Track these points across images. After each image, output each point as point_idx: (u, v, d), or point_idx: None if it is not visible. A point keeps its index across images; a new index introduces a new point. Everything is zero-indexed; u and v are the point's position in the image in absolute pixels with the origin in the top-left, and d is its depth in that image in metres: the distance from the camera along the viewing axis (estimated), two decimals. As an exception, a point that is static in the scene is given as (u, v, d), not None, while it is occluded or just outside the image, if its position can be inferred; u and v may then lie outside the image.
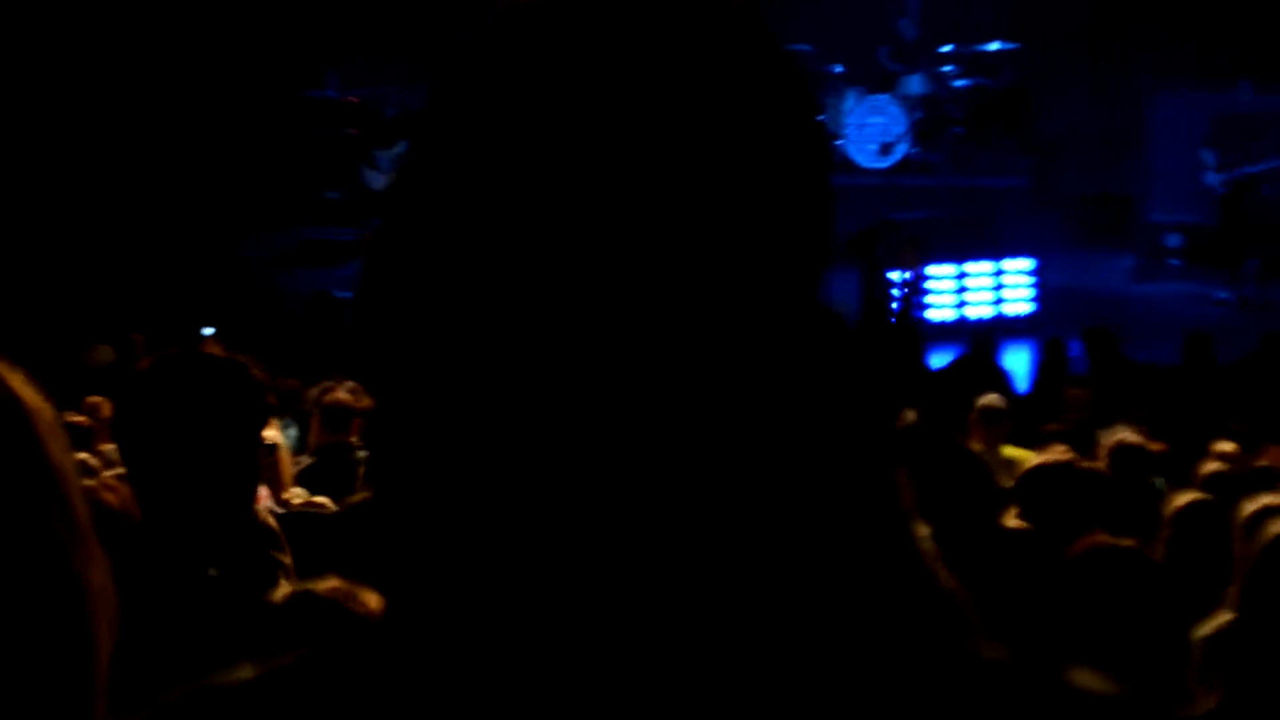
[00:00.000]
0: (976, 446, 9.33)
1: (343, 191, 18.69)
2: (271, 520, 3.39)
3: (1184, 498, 5.70)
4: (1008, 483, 8.05)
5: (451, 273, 0.95)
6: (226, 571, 3.03)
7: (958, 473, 5.01)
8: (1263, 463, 8.36)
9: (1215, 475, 7.24)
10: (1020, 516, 5.65)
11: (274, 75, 19.17)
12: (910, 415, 11.75)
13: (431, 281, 0.96)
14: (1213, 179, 16.69)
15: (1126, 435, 7.87)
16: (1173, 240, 18.33)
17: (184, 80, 18.52)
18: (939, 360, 14.59)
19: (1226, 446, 8.55)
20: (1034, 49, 19.86)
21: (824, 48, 20.16)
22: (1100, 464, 7.35)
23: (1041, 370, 13.79)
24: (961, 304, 16.40)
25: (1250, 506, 5.01)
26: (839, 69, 19.21)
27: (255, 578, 3.07)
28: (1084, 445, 8.77)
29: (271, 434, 8.84)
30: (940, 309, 16.32)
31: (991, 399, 9.51)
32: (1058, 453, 6.67)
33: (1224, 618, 5.00)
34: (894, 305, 16.05)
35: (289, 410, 9.51)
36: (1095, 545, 4.52)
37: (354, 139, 18.70)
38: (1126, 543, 4.48)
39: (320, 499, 5.90)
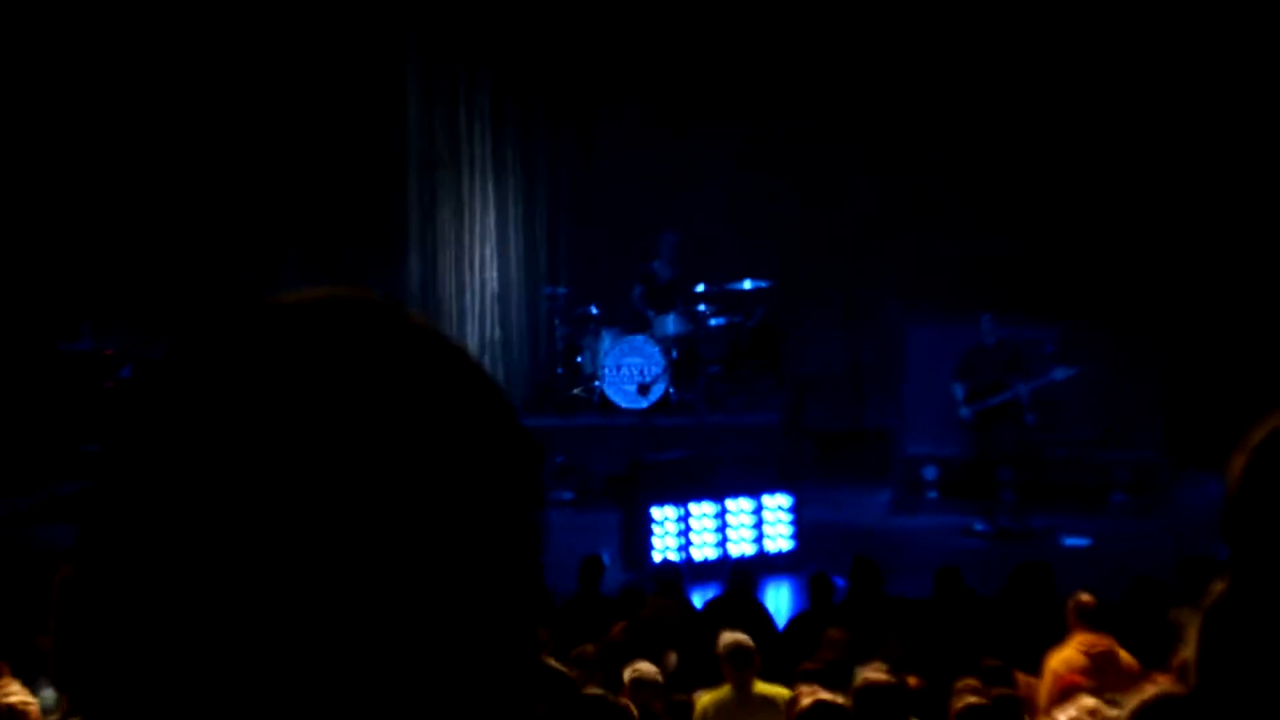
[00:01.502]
0: (726, 686, 9.23)
1: (101, 444, 18.22)
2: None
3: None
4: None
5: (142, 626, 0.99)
6: None
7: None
8: (1003, 692, 8.32)
9: (966, 709, 7.14)
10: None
11: (27, 330, 18.82)
12: (671, 658, 11.66)
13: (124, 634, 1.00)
14: (964, 411, 16.92)
15: (872, 675, 7.76)
16: (929, 472, 18.52)
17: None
18: (700, 599, 14.50)
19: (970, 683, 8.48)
20: (786, 286, 20.15)
21: (579, 288, 20.31)
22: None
23: (803, 607, 13.72)
24: (723, 541, 16.33)
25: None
26: (594, 310, 19.28)
27: None
28: (837, 683, 8.66)
29: (19, 695, 8.47)
30: (702, 548, 16.22)
31: (737, 637, 9.37)
32: (807, 692, 6.53)
33: None
34: (652, 546, 15.95)
35: (43, 671, 9.18)
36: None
37: (110, 390, 18.30)
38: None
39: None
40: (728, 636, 9.45)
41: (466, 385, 1.09)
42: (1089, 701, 6.96)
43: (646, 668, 9.23)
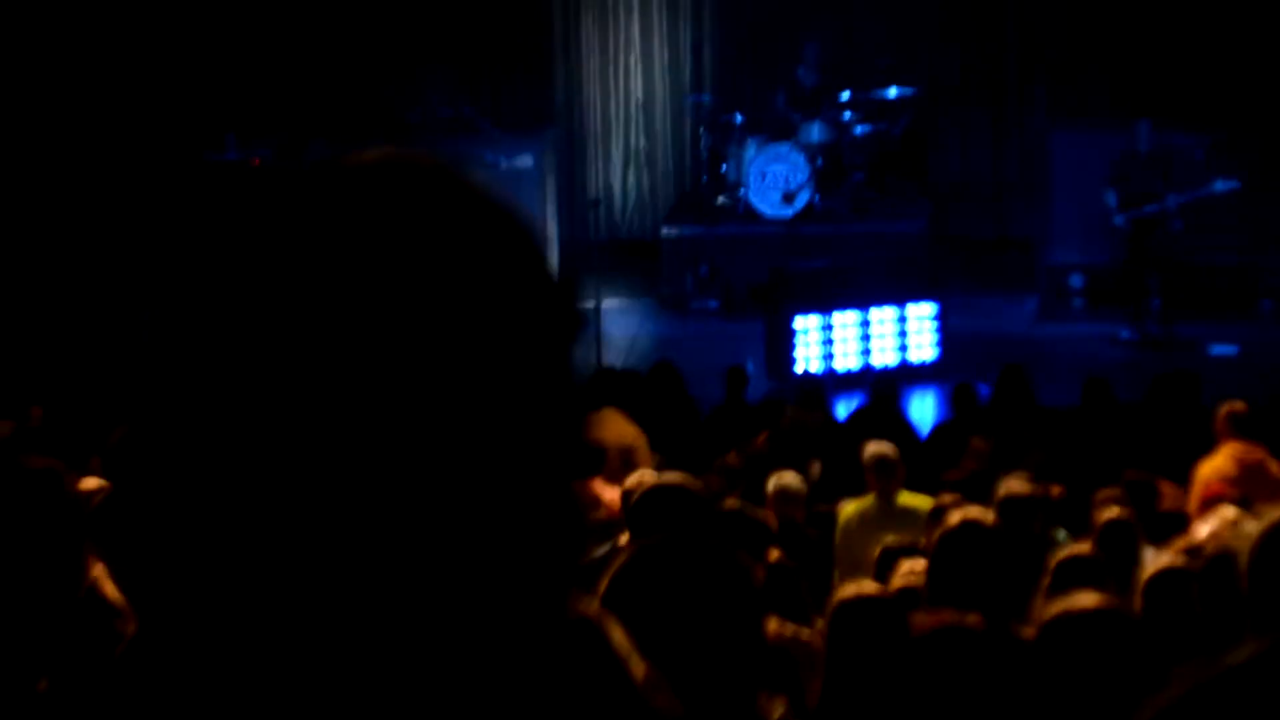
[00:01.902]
0: (870, 496, 9.34)
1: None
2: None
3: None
4: (906, 530, 8.05)
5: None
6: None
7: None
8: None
9: (1110, 523, 7.19)
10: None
11: (175, 141, 19.07)
12: (815, 468, 11.78)
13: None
14: (1118, 219, 16.72)
15: (1014, 486, 7.81)
16: (1075, 281, 18.37)
17: (80, 149, 18.40)
18: (844, 409, 14.59)
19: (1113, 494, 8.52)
20: (931, 94, 19.94)
21: (724, 96, 20.22)
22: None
23: (946, 417, 13.78)
24: (866, 351, 16.36)
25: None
26: (739, 118, 19.20)
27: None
28: (980, 494, 8.74)
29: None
30: (845, 357, 16.27)
31: (882, 448, 9.43)
32: (954, 507, 6.58)
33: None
34: (795, 357, 16.03)
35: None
36: (942, 623, 4.42)
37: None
38: (973, 619, 4.39)
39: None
40: (872, 447, 9.51)
41: (506, 256, 1.14)
42: (1230, 512, 6.98)
43: (790, 478, 9.34)
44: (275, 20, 19.92)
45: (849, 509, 9.40)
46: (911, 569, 6.05)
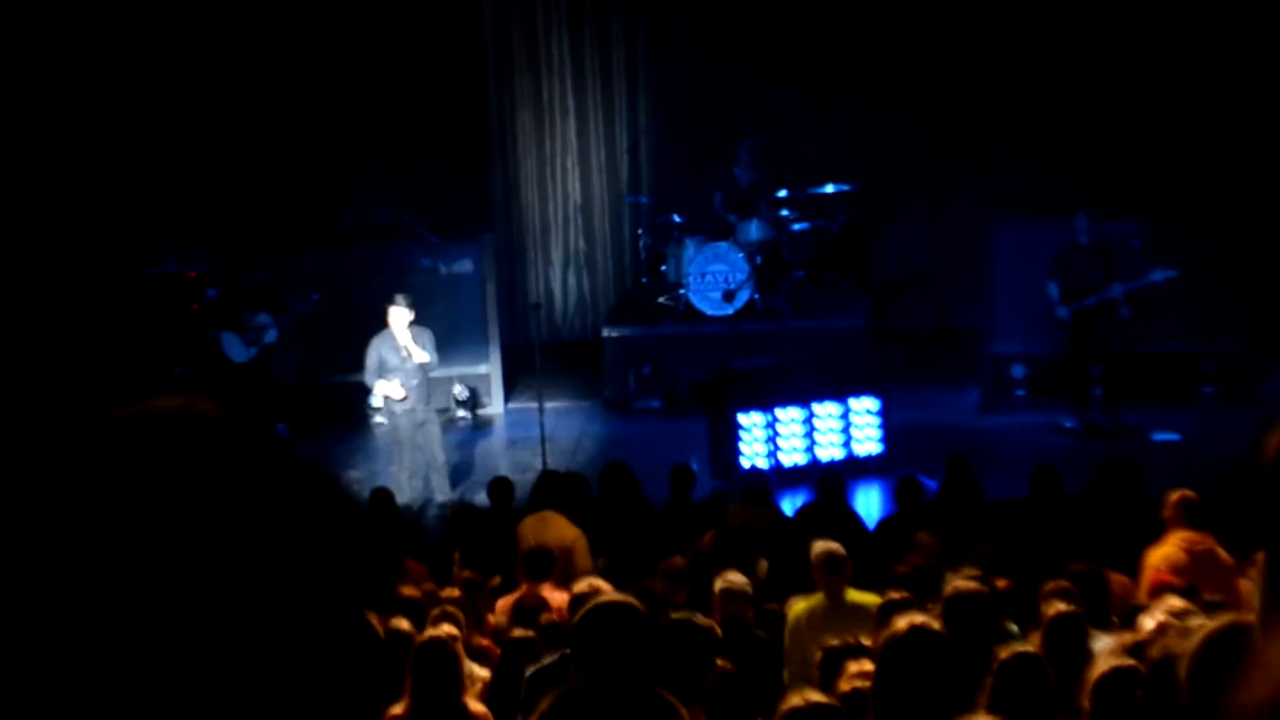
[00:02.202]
0: (819, 595, 9.29)
1: (185, 367, 18.46)
2: None
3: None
4: (855, 628, 8.00)
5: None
6: None
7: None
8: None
9: (1058, 618, 7.16)
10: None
11: (112, 255, 19.01)
12: (762, 565, 11.73)
13: None
14: (1061, 311, 16.81)
15: (961, 583, 7.78)
16: (1017, 371, 18.45)
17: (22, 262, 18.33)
18: (791, 506, 14.54)
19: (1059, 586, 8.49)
20: (868, 189, 20.06)
21: (661, 197, 20.30)
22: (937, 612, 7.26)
23: (892, 510, 13.74)
24: (811, 446, 16.37)
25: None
26: (677, 218, 19.27)
27: None
28: (927, 589, 8.71)
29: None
30: (790, 453, 16.27)
31: (830, 546, 9.39)
32: (900, 611, 6.55)
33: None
34: (740, 453, 16.01)
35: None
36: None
37: (194, 314, 18.44)
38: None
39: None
40: (820, 545, 9.47)
41: (271, 485, 1.43)
42: (1177, 603, 6.97)
43: (736, 578, 9.28)
44: (209, 129, 19.92)
45: (797, 608, 9.34)
46: (860, 670, 6.00)
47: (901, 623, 5.35)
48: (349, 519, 1.47)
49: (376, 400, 16.27)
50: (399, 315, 15.91)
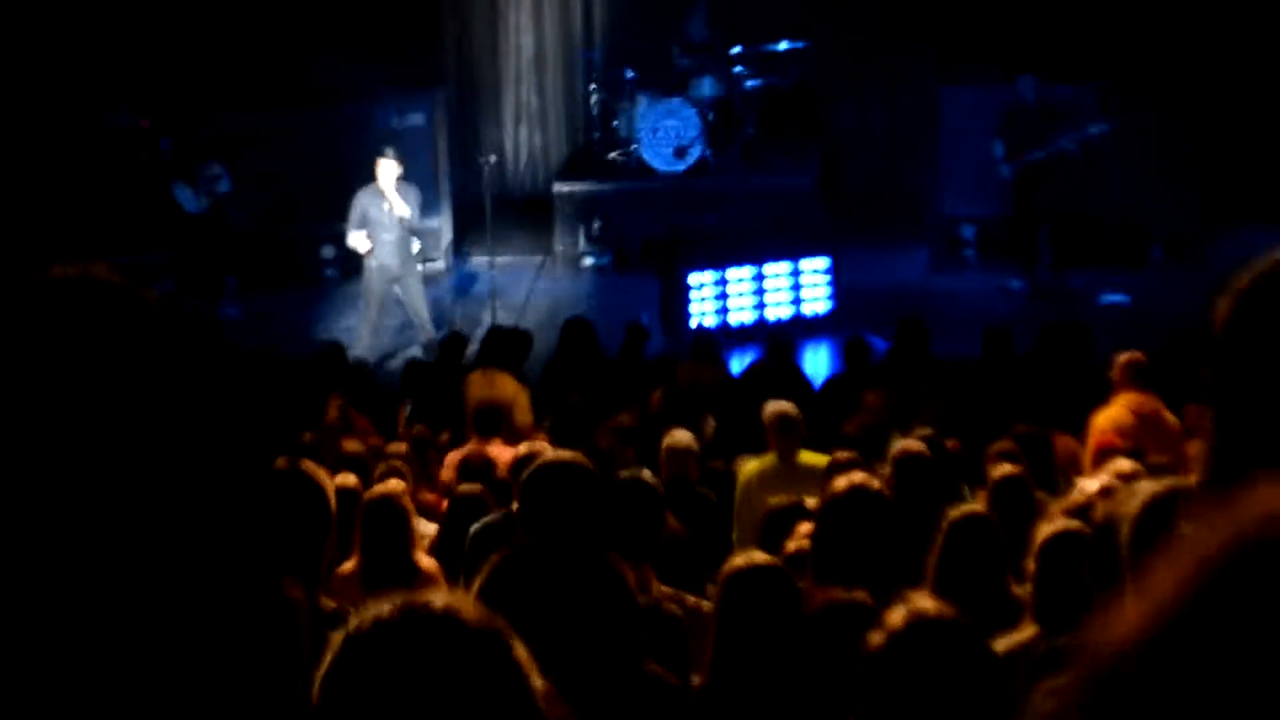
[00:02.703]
0: (771, 455, 9.31)
1: (146, 215, 18.32)
2: None
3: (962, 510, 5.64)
4: (807, 489, 8.01)
5: None
6: None
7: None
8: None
9: (1003, 480, 7.20)
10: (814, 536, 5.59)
11: (69, 104, 18.81)
12: (709, 425, 11.76)
13: None
14: (1004, 170, 16.80)
15: (908, 444, 7.81)
16: (967, 232, 18.46)
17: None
18: (739, 365, 14.57)
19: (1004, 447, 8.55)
20: (822, 47, 19.93)
21: (614, 52, 20.13)
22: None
23: (840, 370, 13.79)
24: (761, 305, 16.38)
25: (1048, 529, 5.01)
26: (630, 74, 19.13)
27: None
28: (875, 449, 8.74)
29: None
30: (740, 311, 16.29)
31: (783, 407, 9.38)
32: (844, 471, 6.55)
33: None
34: (690, 312, 16.02)
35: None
36: (831, 601, 4.42)
37: (146, 163, 18.28)
38: (860, 595, 4.38)
39: None
40: (772, 406, 9.46)
41: (153, 348, 1.61)
42: (1125, 464, 7.00)
43: (682, 436, 9.29)
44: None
45: (749, 468, 9.35)
46: (808, 530, 6.03)
47: (841, 482, 5.37)
48: (236, 379, 1.66)
49: (360, 246, 16.11)
50: (387, 169, 15.87)
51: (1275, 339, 1.74)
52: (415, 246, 16.33)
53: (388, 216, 15.81)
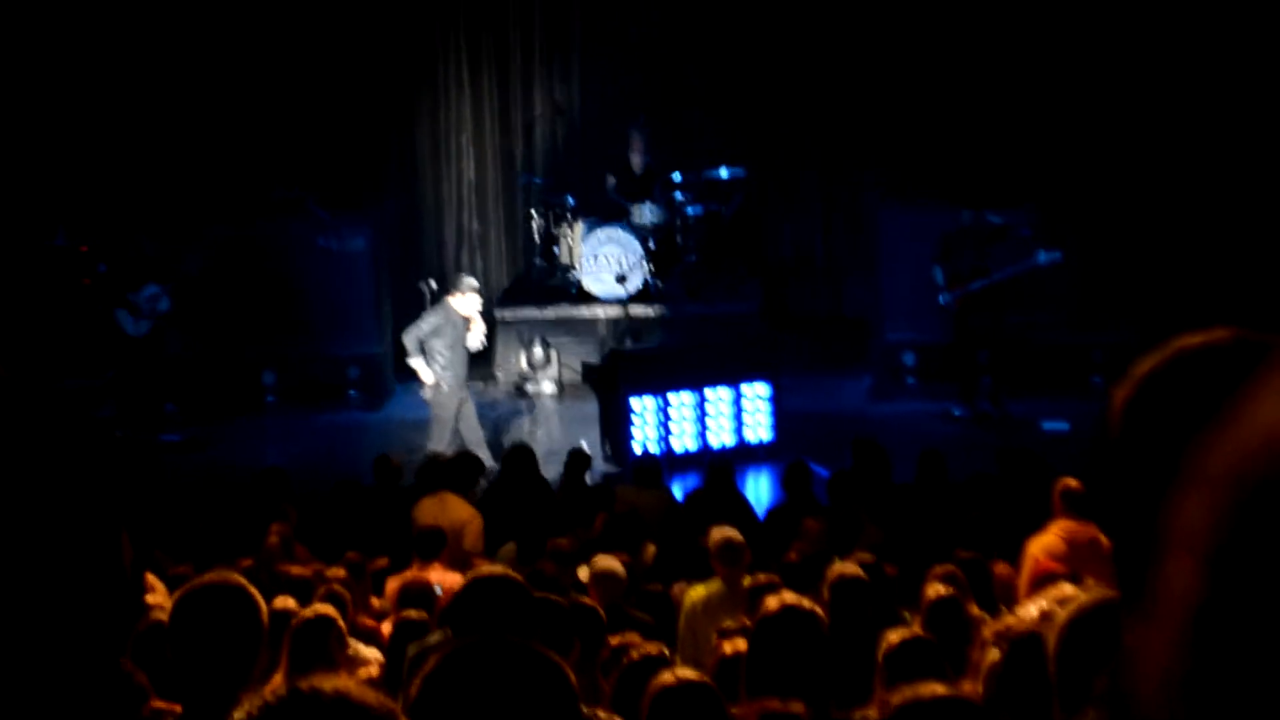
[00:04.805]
0: (716, 581, 9.25)
1: (87, 339, 18.26)
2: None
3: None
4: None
5: None
6: None
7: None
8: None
9: (937, 601, 7.17)
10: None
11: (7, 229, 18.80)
12: (649, 550, 11.68)
13: None
14: (943, 297, 16.88)
15: (845, 568, 7.77)
16: (908, 359, 18.51)
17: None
18: (681, 490, 14.52)
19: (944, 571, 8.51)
20: (761, 175, 20.06)
21: (556, 178, 20.20)
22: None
23: (780, 495, 13.75)
24: (703, 431, 16.35)
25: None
26: (571, 200, 19.20)
27: None
28: (813, 577, 8.69)
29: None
30: (682, 437, 16.25)
31: (728, 533, 9.35)
32: (774, 593, 6.50)
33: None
34: (632, 437, 15.97)
35: None
36: (764, 712, 4.36)
37: (87, 288, 18.21)
38: (796, 708, 4.33)
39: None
40: (718, 532, 9.43)
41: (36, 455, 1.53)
42: (1067, 589, 6.96)
43: (605, 562, 9.23)
44: (102, 101, 19.63)
45: (695, 594, 9.28)
46: (735, 648, 5.97)
47: (773, 602, 5.32)
48: (102, 477, 1.57)
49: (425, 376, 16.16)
50: (471, 303, 16.16)
51: (1173, 425, 1.66)
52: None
53: (462, 343, 16.07)
